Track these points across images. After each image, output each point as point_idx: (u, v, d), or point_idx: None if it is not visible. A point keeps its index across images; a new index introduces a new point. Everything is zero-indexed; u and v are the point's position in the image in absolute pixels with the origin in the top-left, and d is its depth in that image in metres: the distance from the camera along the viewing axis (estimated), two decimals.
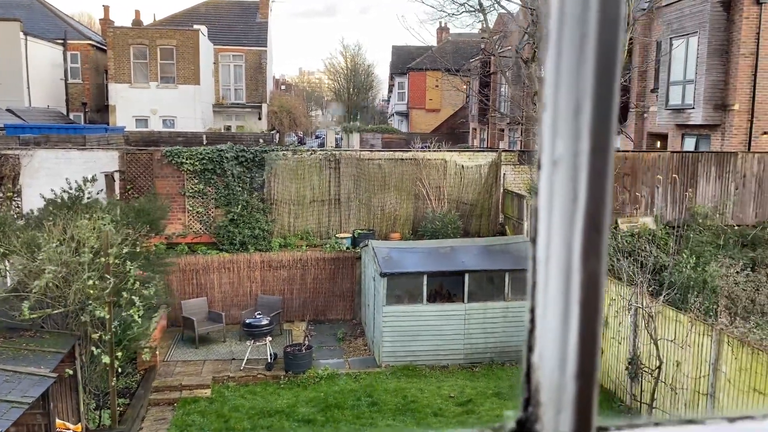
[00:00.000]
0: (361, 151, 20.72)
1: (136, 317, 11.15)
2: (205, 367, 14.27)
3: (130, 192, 17.50)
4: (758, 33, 18.75)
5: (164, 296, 14.14)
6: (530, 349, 0.49)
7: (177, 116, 31.49)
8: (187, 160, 17.73)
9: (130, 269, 11.23)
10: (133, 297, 11.17)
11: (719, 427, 0.52)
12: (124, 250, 11.43)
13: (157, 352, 14.17)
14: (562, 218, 0.46)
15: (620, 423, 0.52)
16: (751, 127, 19.24)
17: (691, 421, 0.53)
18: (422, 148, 21.04)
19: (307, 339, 14.90)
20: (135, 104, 30.93)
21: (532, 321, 0.49)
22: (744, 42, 18.80)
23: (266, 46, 37.83)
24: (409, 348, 14.48)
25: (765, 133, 19.37)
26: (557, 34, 0.44)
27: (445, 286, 14.96)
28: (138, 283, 11.37)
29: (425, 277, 14.34)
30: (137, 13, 39.68)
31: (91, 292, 10.70)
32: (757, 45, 18.79)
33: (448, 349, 14.55)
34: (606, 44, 0.44)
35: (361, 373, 14.08)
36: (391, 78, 53.86)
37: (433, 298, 14.66)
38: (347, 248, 17.62)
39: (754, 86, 18.98)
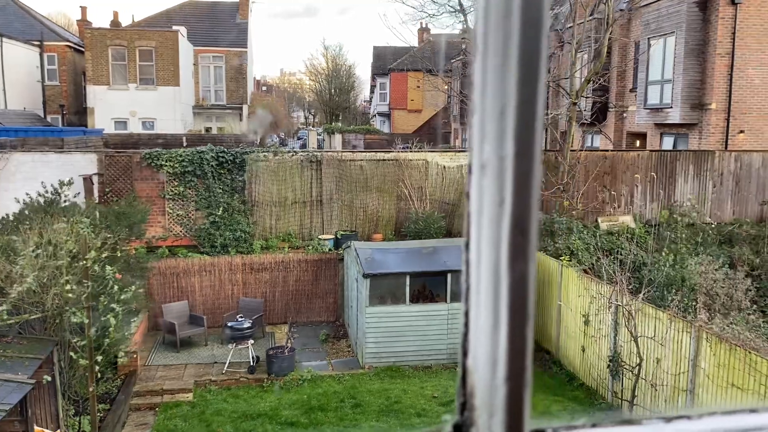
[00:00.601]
0: (342, 152, 20.70)
1: (111, 320, 11.02)
2: (186, 371, 14.15)
3: (109, 195, 17.30)
4: (734, 33, 19.02)
5: (144, 300, 13.99)
6: (465, 353, 0.49)
7: (157, 118, 31.21)
8: (166, 162, 17.56)
9: (109, 273, 11.09)
10: (113, 305, 11.04)
11: (656, 427, 0.53)
12: (104, 255, 11.30)
13: (138, 357, 14.03)
14: (490, 222, 0.46)
15: (557, 425, 0.52)
16: (727, 126, 19.52)
17: (628, 421, 0.53)
18: (403, 148, 21.06)
19: (289, 341, 14.84)
20: (114, 106, 30.61)
21: (467, 325, 0.49)
22: (720, 42, 19.07)
23: (246, 47, 37.66)
24: (392, 349, 14.48)
25: (741, 131, 19.66)
26: (483, 35, 0.44)
27: (428, 287, 14.97)
28: (116, 286, 11.24)
29: (408, 278, 14.34)
30: (115, 14, 39.34)
31: (70, 296, 10.56)
32: (733, 45, 19.06)
33: (432, 349, 14.56)
34: (529, 45, 0.43)
35: (345, 375, 14.05)
36: (373, 79, 53.84)
37: (416, 299, 14.67)
38: (330, 250, 17.56)
39: (731, 85, 19.26)
